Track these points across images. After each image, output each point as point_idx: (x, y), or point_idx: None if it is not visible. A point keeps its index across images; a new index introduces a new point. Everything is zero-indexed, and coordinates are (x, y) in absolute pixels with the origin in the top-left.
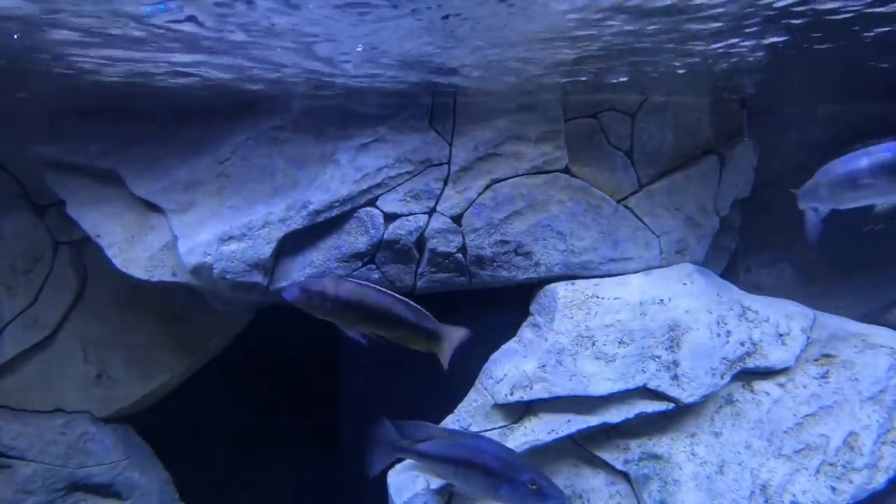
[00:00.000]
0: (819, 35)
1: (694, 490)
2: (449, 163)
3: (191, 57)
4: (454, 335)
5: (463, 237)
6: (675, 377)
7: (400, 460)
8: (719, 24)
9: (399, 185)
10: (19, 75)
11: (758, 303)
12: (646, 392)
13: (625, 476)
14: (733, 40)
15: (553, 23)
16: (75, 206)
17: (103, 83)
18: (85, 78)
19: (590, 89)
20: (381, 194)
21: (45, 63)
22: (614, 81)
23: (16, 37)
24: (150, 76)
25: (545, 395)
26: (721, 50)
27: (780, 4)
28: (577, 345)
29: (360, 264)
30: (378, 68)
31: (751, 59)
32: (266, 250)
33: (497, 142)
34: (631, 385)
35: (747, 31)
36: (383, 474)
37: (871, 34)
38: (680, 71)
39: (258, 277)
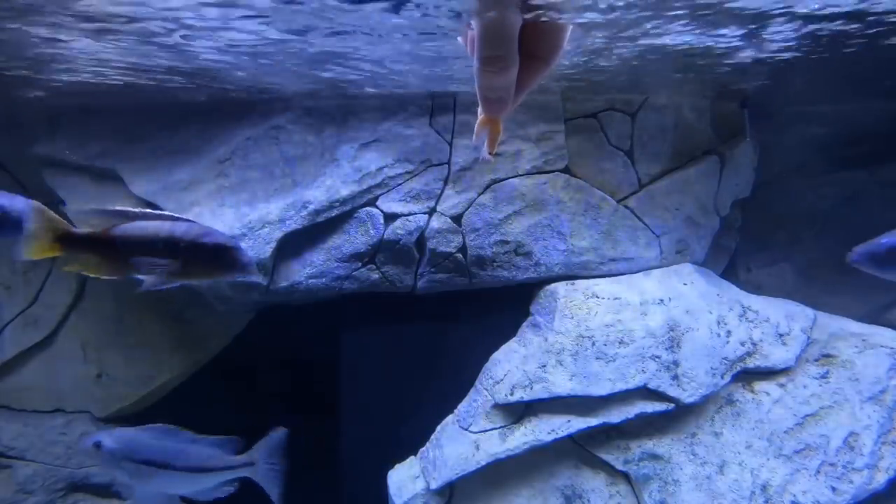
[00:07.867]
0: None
1: (694, 490)
2: (449, 163)
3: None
4: None
5: (463, 237)
6: (676, 377)
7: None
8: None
9: (399, 185)
10: (20, 75)
11: (758, 303)
12: (646, 392)
13: (625, 476)
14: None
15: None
16: (75, 205)
17: (104, 82)
18: (86, 77)
19: (590, 89)
20: (382, 194)
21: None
22: (614, 83)
23: None
24: (152, 75)
25: (545, 395)
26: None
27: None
28: (577, 345)
29: (360, 264)
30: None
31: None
32: (266, 250)
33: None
34: (631, 385)
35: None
36: (383, 474)
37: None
38: (679, 75)
39: (258, 277)
